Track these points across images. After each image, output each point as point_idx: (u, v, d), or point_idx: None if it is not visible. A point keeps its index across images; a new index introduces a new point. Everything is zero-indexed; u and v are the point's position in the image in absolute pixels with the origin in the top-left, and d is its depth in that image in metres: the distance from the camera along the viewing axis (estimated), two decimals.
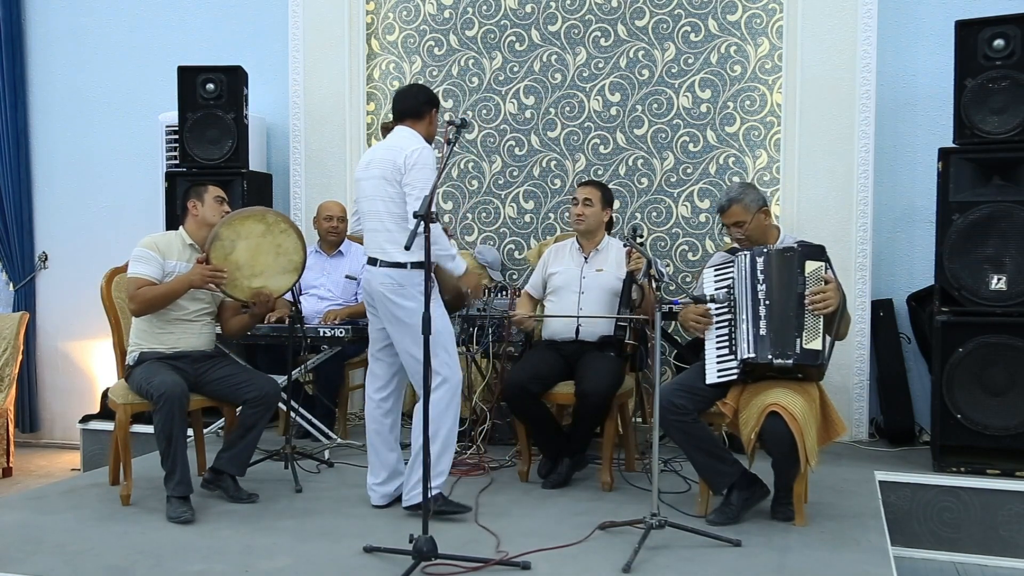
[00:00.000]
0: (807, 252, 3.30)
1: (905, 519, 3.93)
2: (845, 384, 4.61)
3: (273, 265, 3.65)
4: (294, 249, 3.67)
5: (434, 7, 5.49)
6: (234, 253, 3.57)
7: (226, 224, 3.58)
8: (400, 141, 3.42)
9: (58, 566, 2.91)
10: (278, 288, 3.67)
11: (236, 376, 3.63)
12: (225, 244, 3.55)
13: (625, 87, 5.22)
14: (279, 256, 3.65)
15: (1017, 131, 3.89)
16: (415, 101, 3.50)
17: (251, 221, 3.61)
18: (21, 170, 6.13)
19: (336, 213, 4.83)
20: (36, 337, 6.18)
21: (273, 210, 3.75)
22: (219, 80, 5.07)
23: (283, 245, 3.65)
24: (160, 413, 3.36)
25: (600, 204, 3.97)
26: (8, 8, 6.05)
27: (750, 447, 3.24)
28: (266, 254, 3.62)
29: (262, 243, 3.61)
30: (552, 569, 2.87)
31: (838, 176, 4.70)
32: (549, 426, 3.86)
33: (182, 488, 3.37)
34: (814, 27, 4.72)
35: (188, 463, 3.43)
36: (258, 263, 3.61)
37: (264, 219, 3.63)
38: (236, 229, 3.58)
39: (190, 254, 3.67)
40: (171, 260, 3.62)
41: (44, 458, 5.91)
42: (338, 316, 4.49)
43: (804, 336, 3.21)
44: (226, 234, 3.57)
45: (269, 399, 3.60)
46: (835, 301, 3.22)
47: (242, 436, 3.57)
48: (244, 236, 3.59)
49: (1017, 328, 3.89)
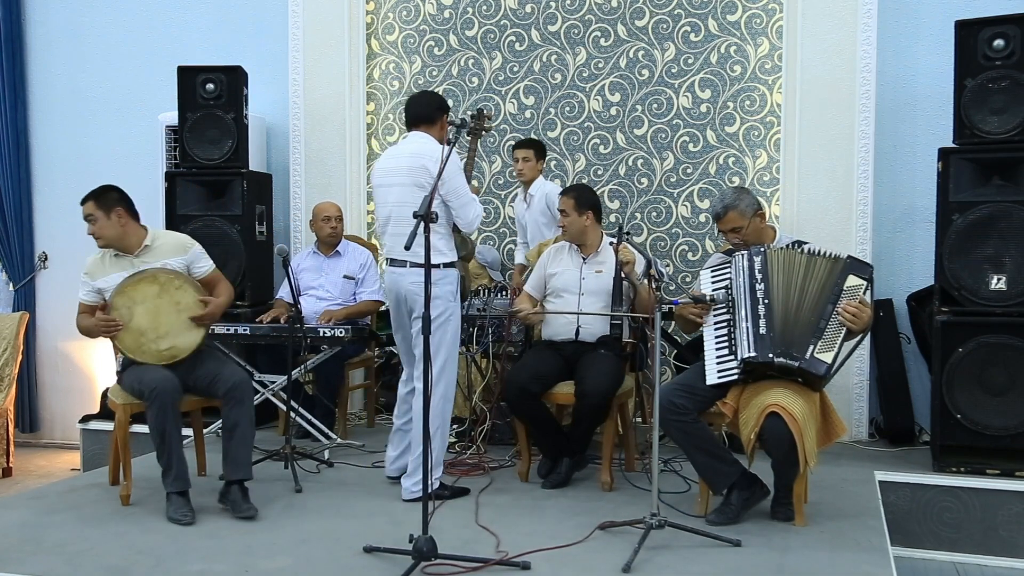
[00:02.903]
0: (854, 266, 3.27)
1: (905, 519, 3.93)
2: (845, 384, 4.61)
3: (176, 323, 3.52)
4: (193, 303, 3.54)
5: (434, 7, 5.49)
6: (134, 319, 3.47)
7: (118, 293, 3.48)
8: (423, 147, 3.57)
9: (58, 566, 2.91)
10: (188, 346, 3.53)
11: (210, 371, 3.55)
12: (122, 312, 3.46)
13: (625, 87, 5.22)
14: (180, 313, 3.52)
15: (1017, 131, 3.89)
16: (428, 107, 3.65)
17: (143, 284, 3.50)
18: (21, 170, 6.13)
19: (333, 213, 4.83)
20: (36, 337, 6.18)
21: (163, 268, 3.56)
22: (219, 80, 5.06)
23: (182, 301, 3.53)
24: (152, 409, 3.36)
25: (575, 212, 3.92)
26: (8, 8, 6.05)
27: (750, 447, 3.24)
28: (166, 314, 3.50)
29: (160, 304, 3.50)
30: (552, 569, 2.87)
31: (838, 176, 4.70)
32: (549, 426, 3.86)
33: (179, 484, 3.36)
34: (814, 27, 4.72)
35: (184, 458, 3.41)
36: (161, 324, 3.50)
37: (156, 279, 3.51)
38: (130, 295, 3.48)
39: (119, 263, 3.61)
40: (99, 279, 3.59)
41: (44, 458, 5.91)
42: (334, 317, 4.48)
43: (819, 345, 3.20)
44: (120, 303, 3.47)
45: (239, 392, 3.49)
46: (864, 322, 3.21)
47: (229, 439, 3.49)
48: (139, 300, 3.48)
49: (1017, 328, 3.89)
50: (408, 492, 3.55)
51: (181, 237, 3.80)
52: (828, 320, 3.22)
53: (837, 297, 3.23)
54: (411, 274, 3.54)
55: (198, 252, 3.72)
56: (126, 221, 3.58)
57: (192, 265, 3.68)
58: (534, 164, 4.87)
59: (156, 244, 3.65)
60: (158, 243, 3.66)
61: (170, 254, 3.64)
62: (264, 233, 5.28)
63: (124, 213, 3.57)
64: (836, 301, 3.23)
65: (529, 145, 4.91)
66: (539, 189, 4.90)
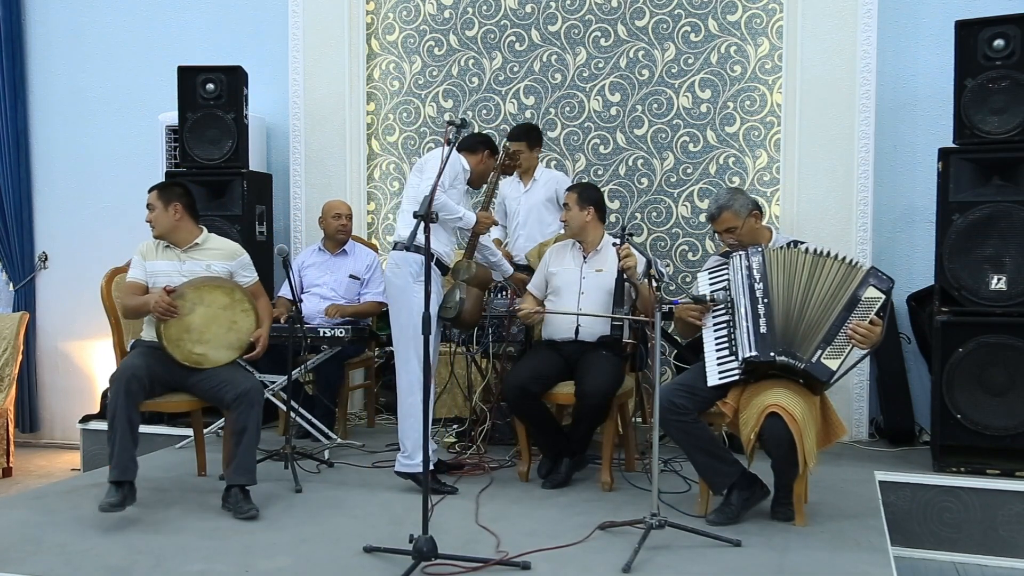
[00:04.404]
0: (877, 279, 3.21)
1: (905, 519, 3.93)
2: (845, 384, 4.60)
3: (222, 338, 3.59)
4: (247, 330, 3.64)
5: (434, 7, 5.49)
6: (191, 316, 3.54)
7: (193, 286, 3.57)
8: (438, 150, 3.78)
9: (58, 566, 2.91)
10: (216, 360, 3.59)
11: (217, 376, 3.57)
12: (186, 304, 3.53)
13: (625, 87, 5.22)
14: (230, 331, 3.61)
15: (1017, 131, 3.89)
16: (473, 139, 4.02)
17: (218, 291, 3.60)
18: (21, 170, 6.13)
19: (344, 212, 4.85)
20: (36, 337, 6.18)
21: (240, 287, 3.70)
22: (219, 80, 5.06)
23: (239, 323, 3.62)
24: (111, 389, 3.40)
25: (577, 206, 3.95)
26: (8, 8, 6.05)
27: (750, 447, 3.24)
28: (220, 326, 3.58)
29: (220, 315, 3.58)
30: (552, 569, 2.87)
31: (838, 176, 4.70)
32: (549, 426, 3.86)
33: (115, 472, 3.31)
34: (814, 27, 4.72)
35: (130, 448, 3.33)
36: (208, 331, 3.56)
37: (232, 294, 3.62)
38: (200, 294, 3.56)
39: (167, 254, 3.71)
40: (150, 261, 3.69)
41: (44, 458, 5.91)
42: (340, 311, 4.50)
43: (828, 350, 3.19)
44: (190, 295, 3.54)
45: (249, 397, 3.50)
46: (873, 342, 3.18)
47: (237, 443, 3.48)
48: (206, 303, 3.56)
49: (1017, 328, 3.89)
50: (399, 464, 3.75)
51: (234, 245, 3.89)
52: (840, 328, 3.19)
53: (853, 306, 3.19)
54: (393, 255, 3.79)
55: (246, 262, 3.82)
56: (181, 216, 3.70)
57: (237, 273, 3.77)
58: (528, 154, 4.80)
59: (207, 244, 3.76)
60: (209, 244, 3.77)
61: (218, 257, 3.75)
62: (264, 233, 5.28)
63: (181, 208, 3.70)
64: (851, 310, 3.19)
65: (521, 137, 4.82)
66: (544, 176, 4.88)
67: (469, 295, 3.92)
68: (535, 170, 4.89)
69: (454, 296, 3.90)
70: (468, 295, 3.91)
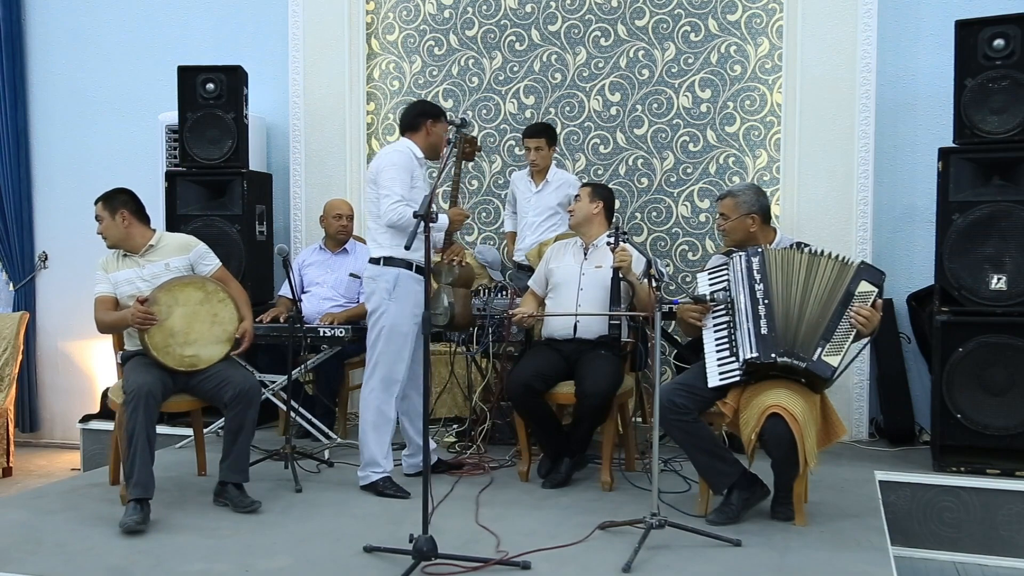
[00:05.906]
0: (868, 273, 3.25)
1: (905, 519, 3.93)
2: (845, 384, 4.61)
3: (208, 334, 3.56)
4: (230, 320, 3.60)
5: (434, 7, 5.49)
6: (170, 319, 3.50)
7: (164, 289, 3.53)
8: (384, 149, 3.79)
9: (58, 566, 2.91)
10: (210, 358, 3.57)
11: (218, 376, 3.56)
12: (163, 309, 3.49)
13: (625, 87, 5.22)
14: (214, 325, 3.57)
15: (1017, 131, 3.89)
16: (409, 115, 3.82)
17: (190, 288, 3.56)
18: (21, 170, 6.13)
19: (345, 211, 4.85)
20: (36, 337, 6.18)
21: (211, 278, 3.66)
22: (219, 80, 5.06)
23: (220, 315, 3.58)
24: (127, 409, 3.35)
25: (588, 197, 4.01)
26: (8, 8, 6.05)
27: (750, 447, 3.24)
28: (202, 322, 3.55)
29: (199, 311, 3.55)
30: (552, 569, 2.87)
31: (838, 176, 4.70)
32: (551, 424, 3.86)
33: (137, 490, 3.28)
34: (814, 27, 4.72)
35: (149, 465, 3.34)
36: (193, 331, 3.53)
37: (204, 287, 3.58)
38: (174, 295, 3.52)
39: (127, 262, 3.67)
40: (113, 272, 3.65)
41: (44, 458, 5.91)
42: (336, 319, 4.48)
43: (827, 347, 3.20)
44: (164, 299, 3.50)
45: (247, 396, 3.50)
46: (873, 327, 3.20)
47: (233, 441, 3.49)
48: (181, 302, 3.53)
49: (1017, 328, 3.89)
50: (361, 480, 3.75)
51: (186, 237, 3.86)
52: (838, 323, 3.21)
53: (848, 301, 3.21)
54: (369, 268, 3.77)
55: (202, 251, 3.77)
56: (130, 223, 3.66)
57: (197, 264, 3.73)
58: (547, 152, 4.80)
59: (160, 244, 3.72)
60: (162, 243, 3.72)
61: (173, 253, 3.70)
62: (264, 233, 5.28)
63: (128, 215, 3.66)
64: (847, 305, 3.21)
65: (540, 133, 4.81)
66: (557, 178, 4.86)
67: (456, 297, 3.91)
68: (548, 171, 4.87)
69: (441, 302, 3.90)
70: (456, 297, 3.91)
